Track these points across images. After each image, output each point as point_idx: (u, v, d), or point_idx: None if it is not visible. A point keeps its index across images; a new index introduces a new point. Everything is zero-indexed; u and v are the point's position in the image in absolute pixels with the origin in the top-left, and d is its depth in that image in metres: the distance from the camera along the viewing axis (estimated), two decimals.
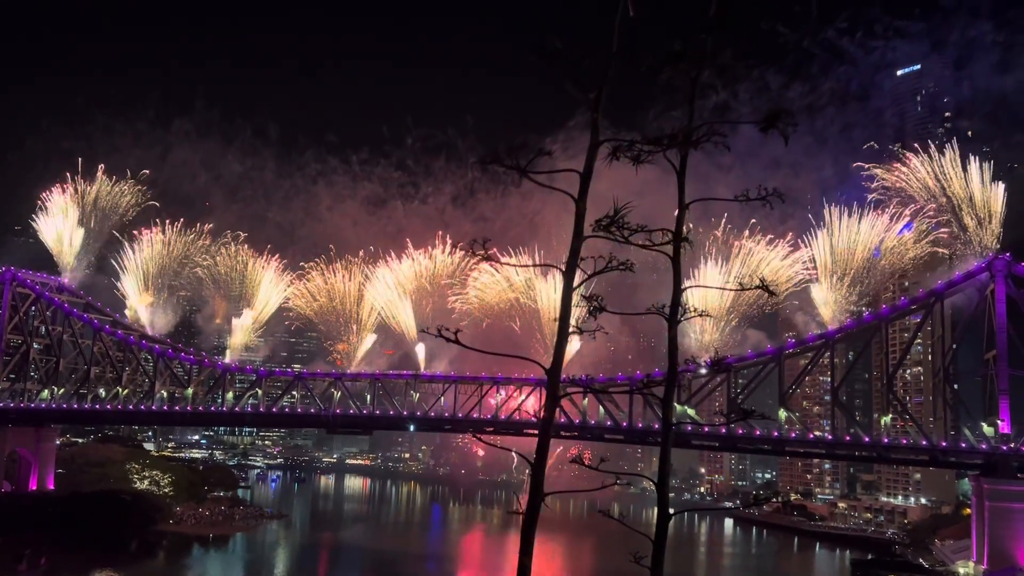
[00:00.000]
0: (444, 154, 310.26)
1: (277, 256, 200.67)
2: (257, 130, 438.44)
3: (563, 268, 9.98)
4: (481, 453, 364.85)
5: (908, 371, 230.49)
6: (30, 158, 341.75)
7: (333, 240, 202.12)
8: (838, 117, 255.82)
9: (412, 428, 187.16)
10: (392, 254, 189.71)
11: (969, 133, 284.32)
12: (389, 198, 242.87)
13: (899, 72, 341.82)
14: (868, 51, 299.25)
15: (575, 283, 10.03)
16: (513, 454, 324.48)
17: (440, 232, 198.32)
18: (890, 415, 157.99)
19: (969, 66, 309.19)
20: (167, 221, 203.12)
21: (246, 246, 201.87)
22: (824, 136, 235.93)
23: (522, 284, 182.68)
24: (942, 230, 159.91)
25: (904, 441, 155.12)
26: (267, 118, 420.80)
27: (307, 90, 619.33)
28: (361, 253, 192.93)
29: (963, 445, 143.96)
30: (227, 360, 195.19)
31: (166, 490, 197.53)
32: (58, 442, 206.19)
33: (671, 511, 10.48)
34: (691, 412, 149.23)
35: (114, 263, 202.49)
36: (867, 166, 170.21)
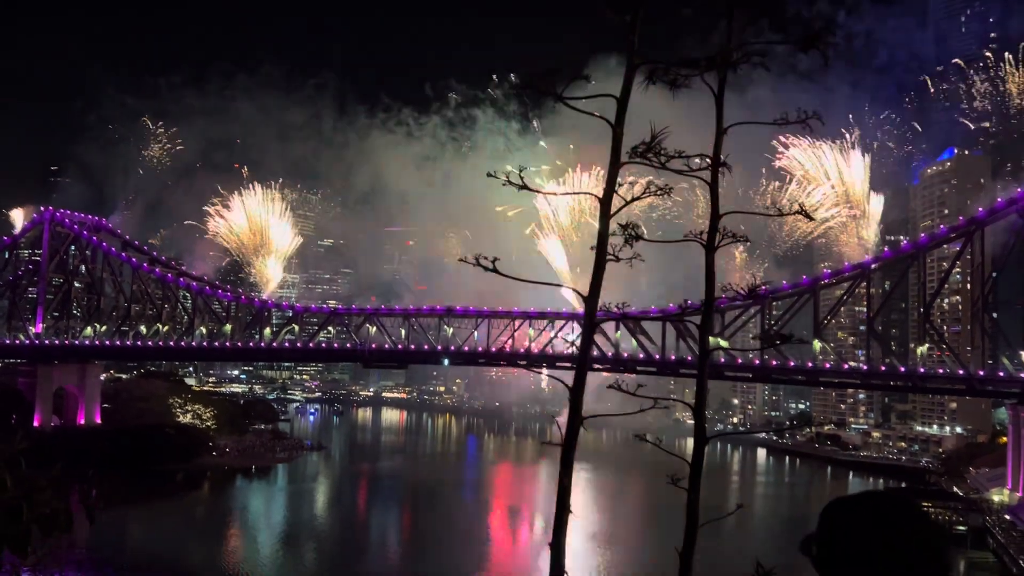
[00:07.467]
0: (485, 109, 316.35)
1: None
2: (319, 85, 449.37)
3: (600, 196, 9.92)
4: (513, 385, 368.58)
5: (946, 300, 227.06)
6: (104, 119, 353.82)
7: (383, 184, 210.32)
8: (846, 74, 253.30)
9: (446, 362, 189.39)
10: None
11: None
12: (437, 148, 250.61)
13: None
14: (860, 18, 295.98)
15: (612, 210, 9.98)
16: (544, 387, 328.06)
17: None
18: (926, 345, 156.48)
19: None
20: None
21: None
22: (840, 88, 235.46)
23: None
24: None
25: (940, 371, 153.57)
26: (326, 77, 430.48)
27: (357, 47, 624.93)
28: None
29: (1001, 374, 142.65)
30: (264, 297, 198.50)
31: (208, 424, 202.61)
32: (102, 378, 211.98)
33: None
34: (724, 344, 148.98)
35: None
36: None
